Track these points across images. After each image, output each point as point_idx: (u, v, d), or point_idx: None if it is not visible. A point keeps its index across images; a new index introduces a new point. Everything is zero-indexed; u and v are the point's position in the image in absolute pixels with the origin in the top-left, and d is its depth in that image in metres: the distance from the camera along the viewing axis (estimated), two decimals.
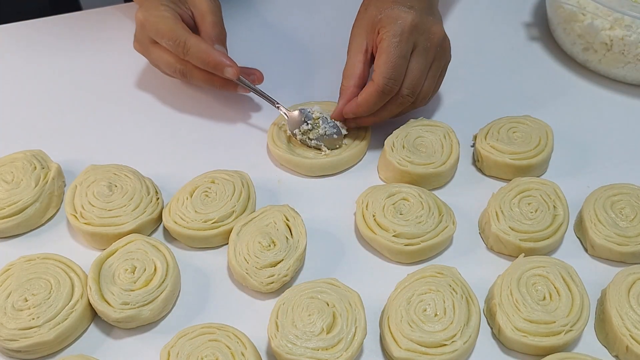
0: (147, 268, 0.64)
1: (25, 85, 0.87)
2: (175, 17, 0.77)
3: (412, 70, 0.73)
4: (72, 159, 0.78)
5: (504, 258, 0.69)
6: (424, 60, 0.73)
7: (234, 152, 0.79)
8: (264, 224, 0.68)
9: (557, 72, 0.90)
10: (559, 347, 0.60)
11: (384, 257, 0.69)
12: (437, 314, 0.61)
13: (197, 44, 0.75)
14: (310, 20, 0.97)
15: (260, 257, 0.65)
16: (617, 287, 0.63)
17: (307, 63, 0.90)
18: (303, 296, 0.61)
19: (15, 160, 0.73)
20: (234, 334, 0.60)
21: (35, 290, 0.62)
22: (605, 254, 0.68)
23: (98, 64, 0.90)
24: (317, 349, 0.58)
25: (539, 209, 0.69)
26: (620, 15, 0.80)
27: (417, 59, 0.73)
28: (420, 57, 0.73)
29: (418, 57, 0.73)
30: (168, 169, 0.77)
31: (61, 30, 0.95)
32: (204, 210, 0.69)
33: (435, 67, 0.75)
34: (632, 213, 0.68)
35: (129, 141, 0.80)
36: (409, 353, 0.59)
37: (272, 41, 0.94)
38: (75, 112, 0.84)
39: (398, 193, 0.70)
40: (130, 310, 0.61)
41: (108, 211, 0.68)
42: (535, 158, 0.74)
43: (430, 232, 0.67)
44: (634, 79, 0.86)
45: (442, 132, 0.76)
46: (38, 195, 0.70)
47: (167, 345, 0.59)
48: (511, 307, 0.61)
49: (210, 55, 0.75)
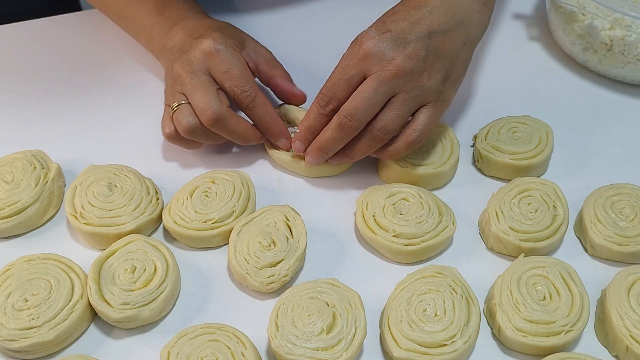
0: (147, 268, 0.64)
1: (25, 85, 0.87)
2: (245, 63, 0.74)
3: (354, 93, 0.67)
4: (72, 159, 0.78)
5: (504, 258, 0.69)
6: (371, 86, 0.66)
7: (234, 152, 0.79)
8: (265, 224, 0.68)
9: (557, 72, 0.90)
10: (559, 347, 0.60)
11: (384, 257, 0.69)
12: (437, 314, 0.61)
13: (265, 104, 0.73)
14: (311, 23, 0.97)
15: (260, 257, 0.65)
16: (617, 287, 0.63)
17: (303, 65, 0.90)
18: (303, 296, 0.61)
19: (15, 160, 0.73)
20: (234, 334, 0.60)
21: (35, 290, 0.62)
22: (605, 254, 0.68)
23: (98, 63, 0.90)
24: (317, 349, 0.58)
25: (539, 209, 0.69)
26: (620, 15, 0.80)
27: (364, 85, 0.66)
28: (369, 83, 0.66)
29: (367, 82, 0.66)
30: (168, 169, 0.77)
31: (61, 30, 0.95)
32: (204, 210, 0.69)
33: (398, 99, 0.67)
34: (632, 213, 0.68)
35: (129, 141, 0.80)
36: (409, 353, 0.59)
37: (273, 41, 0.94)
38: (75, 112, 0.84)
39: (398, 193, 0.70)
40: (130, 310, 0.61)
41: (108, 211, 0.68)
42: (535, 158, 0.74)
43: (430, 232, 0.67)
44: (634, 79, 0.86)
45: (442, 132, 0.76)
46: (38, 195, 0.70)
47: (167, 345, 0.59)
48: (511, 307, 0.61)
49: (275, 121, 0.74)
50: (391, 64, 0.66)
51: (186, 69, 0.72)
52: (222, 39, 0.73)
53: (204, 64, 0.72)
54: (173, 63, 0.74)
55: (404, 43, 0.66)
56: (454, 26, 0.69)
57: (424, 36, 0.67)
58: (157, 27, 0.79)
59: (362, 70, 0.67)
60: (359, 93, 0.66)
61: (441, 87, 0.69)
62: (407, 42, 0.66)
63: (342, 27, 0.94)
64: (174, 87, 0.73)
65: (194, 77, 0.71)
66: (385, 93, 0.66)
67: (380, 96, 0.66)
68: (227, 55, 0.72)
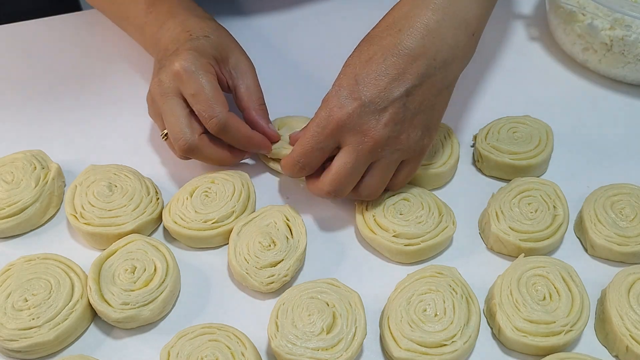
0: (147, 268, 0.64)
1: (25, 85, 0.87)
2: (216, 85, 0.69)
3: (334, 167, 0.64)
4: (72, 159, 0.78)
5: (504, 258, 0.69)
6: (351, 160, 0.63)
7: None
8: (265, 224, 0.68)
9: (557, 72, 0.90)
10: (559, 347, 0.60)
11: (384, 258, 0.69)
12: (437, 314, 0.61)
13: (236, 125, 0.69)
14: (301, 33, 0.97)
15: (260, 257, 0.65)
16: (617, 287, 0.63)
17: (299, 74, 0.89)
18: (303, 296, 0.61)
19: (15, 160, 0.73)
20: (234, 334, 0.60)
21: (35, 290, 0.62)
22: (605, 254, 0.68)
23: (98, 63, 0.90)
24: (317, 349, 0.58)
25: (539, 209, 0.69)
26: (620, 15, 0.80)
27: (343, 158, 0.64)
28: (348, 156, 0.63)
29: (345, 155, 0.64)
30: (168, 169, 0.77)
31: (61, 30, 0.95)
32: (203, 210, 0.69)
33: (381, 165, 0.65)
34: (632, 213, 0.68)
35: (129, 141, 0.80)
36: (409, 353, 0.59)
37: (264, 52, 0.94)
38: (75, 112, 0.84)
39: (398, 193, 0.70)
40: (130, 310, 0.61)
41: (108, 211, 0.68)
42: (535, 158, 0.74)
43: (430, 232, 0.67)
44: (634, 79, 0.86)
45: (442, 132, 0.76)
46: (38, 195, 0.70)
47: (167, 345, 0.59)
48: (511, 307, 0.61)
49: (250, 138, 0.71)
50: (367, 136, 0.62)
51: (159, 91, 0.70)
52: (193, 58, 0.69)
53: (174, 84, 0.69)
54: (153, 77, 0.73)
55: (380, 110, 0.62)
56: (436, 71, 0.63)
57: (401, 97, 0.62)
58: (149, 27, 0.77)
59: (336, 140, 0.64)
60: (339, 167, 0.64)
61: (421, 141, 0.66)
62: (383, 108, 0.62)
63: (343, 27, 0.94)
64: (154, 108, 0.72)
65: (165, 102, 0.69)
66: (365, 163, 0.64)
67: (360, 168, 0.64)
68: (196, 77, 0.68)
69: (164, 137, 0.71)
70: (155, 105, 0.71)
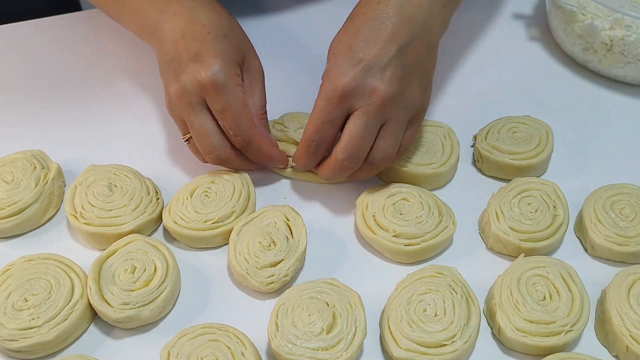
0: (147, 268, 0.64)
1: (25, 85, 0.87)
2: (244, 99, 0.69)
3: (346, 133, 0.65)
4: (72, 159, 0.78)
5: (504, 258, 0.69)
6: (362, 122, 0.64)
7: None
8: (265, 224, 0.68)
9: (557, 72, 0.90)
10: (559, 347, 0.60)
11: (384, 257, 0.69)
12: (437, 314, 0.61)
13: (259, 144, 0.70)
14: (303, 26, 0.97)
15: (260, 257, 0.65)
16: (617, 287, 0.63)
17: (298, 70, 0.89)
18: (303, 296, 0.61)
19: (15, 160, 0.73)
20: (234, 334, 0.60)
21: (35, 290, 0.62)
22: (605, 254, 0.68)
23: (98, 63, 0.90)
24: (317, 349, 0.58)
25: (539, 209, 0.69)
26: (620, 15, 0.80)
27: (354, 122, 0.65)
28: (358, 119, 0.64)
29: (356, 119, 0.65)
30: (168, 169, 0.77)
31: (61, 30, 0.95)
32: (204, 210, 0.69)
33: (391, 126, 0.66)
34: (632, 213, 0.68)
35: (129, 141, 0.80)
36: (409, 353, 0.59)
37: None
38: (75, 112, 0.84)
39: (398, 193, 0.70)
40: (130, 310, 0.61)
41: (108, 211, 0.68)
42: (535, 158, 0.74)
43: (430, 232, 0.67)
44: (634, 79, 0.86)
45: (442, 132, 0.76)
46: (38, 195, 0.70)
47: (167, 345, 0.59)
48: (511, 307, 0.61)
49: (270, 157, 0.72)
50: (374, 96, 0.64)
51: (183, 100, 0.68)
52: (220, 69, 0.67)
53: (200, 95, 0.67)
54: (168, 81, 0.70)
55: (380, 69, 0.64)
56: (420, 31, 0.66)
57: (396, 55, 0.65)
58: (147, 9, 0.73)
59: (344, 108, 0.65)
60: (351, 132, 0.65)
61: (423, 98, 0.68)
62: (383, 67, 0.64)
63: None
64: (176, 112, 0.71)
65: (192, 113, 0.68)
66: (376, 125, 0.65)
67: (372, 130, 0.65)
68: (225, 92, 0.67)
69: (187, 141, 0.72)
70: (178, 111, 0.70)
